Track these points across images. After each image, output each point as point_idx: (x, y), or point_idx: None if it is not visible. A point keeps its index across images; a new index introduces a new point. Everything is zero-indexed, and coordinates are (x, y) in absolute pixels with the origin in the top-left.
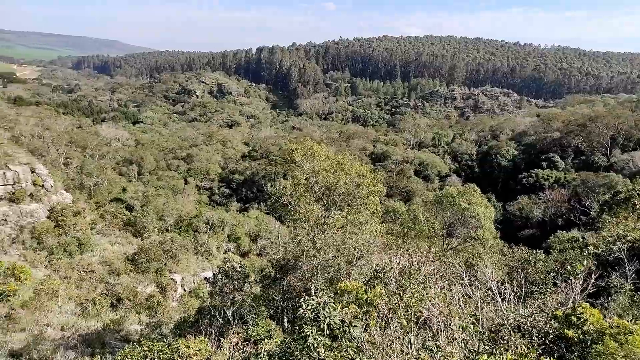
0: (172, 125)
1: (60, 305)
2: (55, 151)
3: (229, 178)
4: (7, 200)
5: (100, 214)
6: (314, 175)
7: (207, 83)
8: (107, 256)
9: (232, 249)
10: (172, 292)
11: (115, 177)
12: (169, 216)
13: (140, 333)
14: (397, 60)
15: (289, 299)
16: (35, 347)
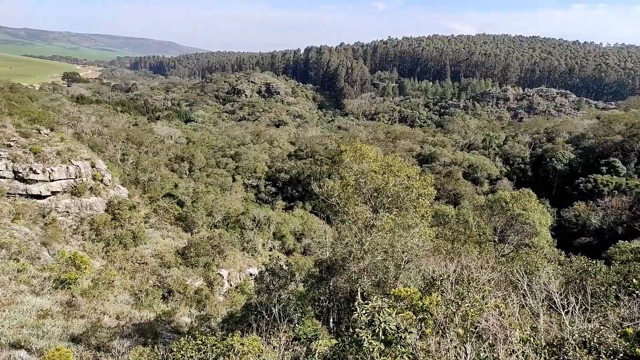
0: (222, 124)
1: (116, 295)
2: (113, 147)
3: (275, 176)
4: (70, 193)
5: (153, 208)
6: (362, 176)
7: (256, 83)
8: (159, 249)
9: (277, 246)
10: (219, 286)
11: (167, 174)
12: (218, 212)
13: (190, 325)
14: (447, 59)
15: (335, 300)
16: (93, 334)
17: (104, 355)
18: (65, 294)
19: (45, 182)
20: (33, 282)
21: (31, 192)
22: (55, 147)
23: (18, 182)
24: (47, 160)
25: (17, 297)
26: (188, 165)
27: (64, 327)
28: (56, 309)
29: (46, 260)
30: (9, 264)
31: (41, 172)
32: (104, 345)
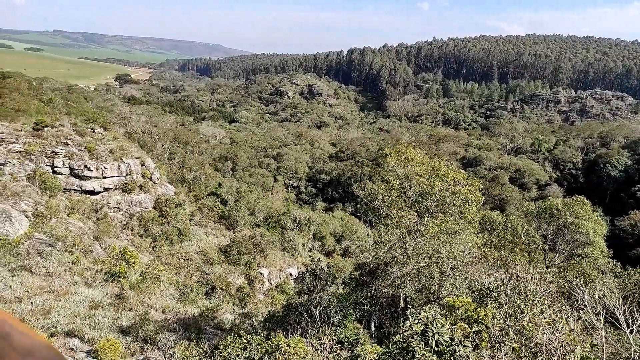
0: (265, 124)
1: (162, 289)
2: (161, 146)
3: (315, 177)
4: (120, 190)
5: (198, 206)
6: (407, 180)
7: (299, 84)
8: (203, 246)
9: (317, 247)
10: (260, 285)
11: (212, 173)
12: (259, 212)
13: (232, 322)
14: (494, 60)
15: (377, 304)
16: (141, 326)
17: (150, 348)
18: (115, 286)
19: (98, 178)
20: (86, 274)
21: (85, 188)
22: (108, 146)
23: (73, 179)
24: (100, 158)
25: (71, 288)
26: (231, 165)
27: (114, 318)
28: (107, 301)
29: (98, 253)
30: (65, 256)
31: (95, 170)
32: (151, 338)
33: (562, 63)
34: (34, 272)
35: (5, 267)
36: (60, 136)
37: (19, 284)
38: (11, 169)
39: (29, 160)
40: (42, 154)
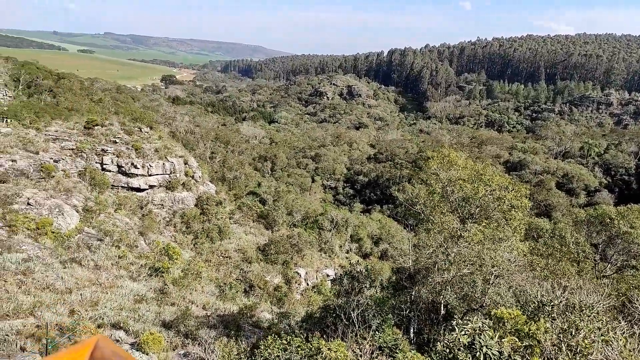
0: (304, 125)
1: (203, 285)
2: (203, 146)
3: (353, 179)
4: (164, 188)
5: (238, 205)
6: (450, 184)
7: (338, 85)
8: (242, 245)
9: (354, 249)
10: (297, 285)
11: (251, 172)
12: (297, 212)
13: (270, 321)
14: (541, 61)
15: (416, 310)
16: (182, 321)
17: (191, 343)
18: (158, 281)
19: (144, 176)
20: (131, 268)
21: (132, 185)
22: (153, 145)
23: (121, 176)
24: (146, 156)
25: (117, 281)
26: (270, 164)
27: (157, 312)
28: (150, 295)
29: (143, 248)
30: (112, 250)
31: (141, 167)
32: (192, 333)
33: (615, 63)
34: (84, 265)
35: (57, 259)
36: (109, 135)
37: (70, 276)
38: (64, 165)
39: (80, 157)
40: (92, 152)
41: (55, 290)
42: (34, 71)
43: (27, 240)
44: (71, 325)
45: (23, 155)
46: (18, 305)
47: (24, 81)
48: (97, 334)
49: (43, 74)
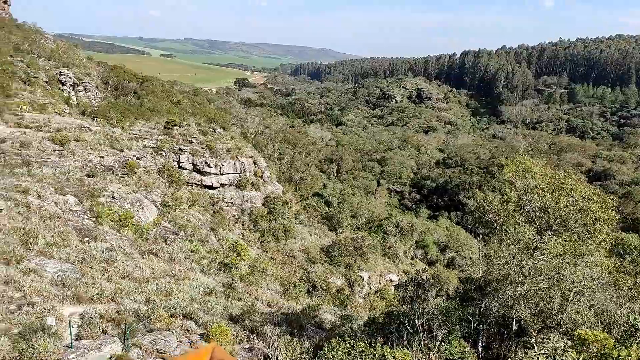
0: (371, 128)
1: (268, 283)
2: (272, 147)
3: (420, 184)
4: (235, 187)
5: (303, 206)
6: (526, 193)
7: (407, 88)
8: (306, 245)
9: (419, 255)
10: (359, 288)
11: (317, 174)
12: (362, 215)
13: (332, 323)
14: (632, 63)
15: (485, 323)
16: (248, 316)
17: (256, 338)
18: (226, 276)
19: (216, 175)
20: (202, 262)
21: (205, 183)
22: (225, 145)
23: (195, 174)
24: (219, 156)
25: (189, 273)
26: (336, 167)
27: (225, 306)
28: (219, 289)
29: (213, 244)
30: (185, 244)
31: (214, 166)
32: (257, 328)
33: None
34: (159, 257)
35: (137, 250)
36: (186, 134)
37: (147, 266)
38: (145, 162)
39: (160, 155)
40: (170, 151)
41: (134, 279)
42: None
43: (111, 231)
44: (147, 312)
45: (110, 152)
46: (101, 291)
47: (113, 83)
48: (212, 342)
49: (129, 77)
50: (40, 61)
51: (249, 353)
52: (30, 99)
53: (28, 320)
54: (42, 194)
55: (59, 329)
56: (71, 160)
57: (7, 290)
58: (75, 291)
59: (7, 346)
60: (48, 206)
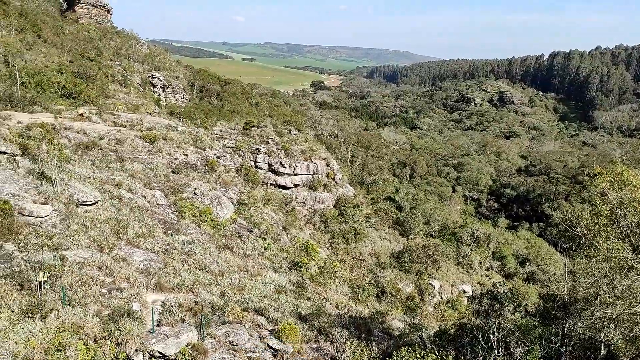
0: (447, 132)
1: (337, 285)
2: (344, 149)
3: (499, 191)
4: (307, 187)
5: (374, 209)
6: (621, 207)
7: (488, 91)
8: (376, 249)
9: (496, 267)
10: (430, 297)
11: (389, 178)
12: (435, 222)
13: (401, 330)
14: None
15: (569, 345)
16: (317, 316)
17: (324, 339)
18: (296, 275)
19: (290, 175)
20: (274, 260)
21: (279, 183)
22: (300, 146)
23: (270, 174)
24: (293, 157)
25: (261, 270)
26: (409, 171)
27: (294, 304)
28: (289, 287)
29: (285, 243)
30: (259, 241)
31: (288, 167)
32: (325, 329)
33: None
34: (234, 252)
35: (214, 245)
36: (263, 135)
37: (223, 261)
38: (224, 161)
39: (238, 155)
40: (248, 151)
41: (211, 272)
42: (206, 77)
43: (192, 225)
44: (222, 305)
45: (193, 150)
46: (181, 281)
47: (198, 86)
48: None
49: (213, 80)
50: (135, 65)
51: (317, 353)
52: (125, 99)
53: (116, 304)
54: (132, 188)
55: (143, 314)
56: (159, 158)
57: (100, 275)
58: (158, 280)
59: (98, 326)
60: (137, 199)
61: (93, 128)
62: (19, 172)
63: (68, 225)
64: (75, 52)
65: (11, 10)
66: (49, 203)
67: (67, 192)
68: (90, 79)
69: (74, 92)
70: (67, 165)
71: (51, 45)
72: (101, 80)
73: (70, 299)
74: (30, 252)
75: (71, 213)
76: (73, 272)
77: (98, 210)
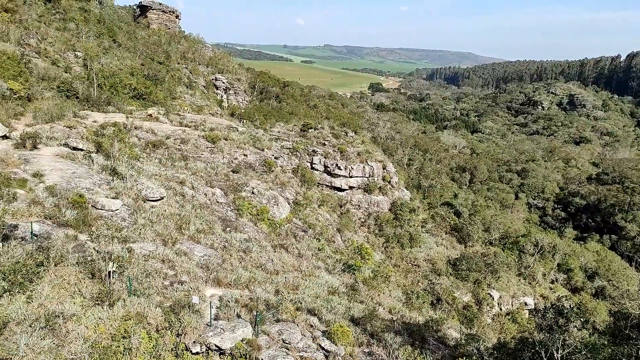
0: (511, 137)
1: (390, 289)
2: (401, 152)
3: (567, 200)
4: (362, 190)
5: (431, 214)
6: None
7: (557, 94)
8: (432, 255)
9: (561, 280)
10: (488, 307)
11: (447, 182)
12: (495, 230)
13: (457, 341)
14: None
15: None
16: (369, 320)
17: (376, 344)
18: (349, 277)
19: (345, 177)
20: (328, 261)
21: (334, 185)
22: (356, 148)
23: (326, 175)
24: (349, 159)
25: (315, 271)
26: (469, 176)
27: (347, 307)
28: (342, 290)
29: (338, 244)
30: (313, 242)
31: (344, 169)
32: (377, 334)
33: None
34: (289, 252)
35: (270, 243)
36: (320, 137)
37: (278, 259)
38: (282, 162)
39: (295, 156)
40: (304, 152)
41: (266, 270)
42: (266, 80)
43: (249, 223)
44: (276, 303)
45: (252, 151)
46: (238, 278)
47: (258, 88)
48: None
49: (272, 82)
50: (200, 67)
51: (369, 357)
52: (190, 101)
53: (177, 297)
54: (195, 186)
55: (201, 307)
56: (220, 157)
57: (163, 268)
58: (216, 275)
59: (160, 317)
60: (199, 197)
61: (160, 128)
62: (94, 168)
63: (136, 220)
64: (146, 55)
65: (91, 18)
66: (119, 198)
67: (135, 187)
68: (159, 81)
69: (144, 94)
70: (136, 162)
71: (125, 50)
72: (169, 82)
73: (135, 289)
74: (102, 243)
75: (139, 208)
76: (139, 264)
77: (163, 206)
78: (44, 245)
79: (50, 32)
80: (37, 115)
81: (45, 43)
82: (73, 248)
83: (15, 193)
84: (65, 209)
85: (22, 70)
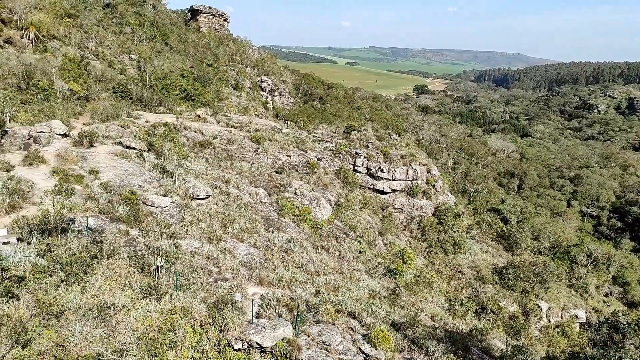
0: (564, 141)
1: (432, 296)
2: (446, 156)
3: (623, 209)
4: (405, 193)
5: (476, 220)
6: None
7: (615, 97)
8: (477, 262)
9: (616, 293)
10: (536, 319)
11: (494, 188)
12: (545, 238)
13: (503, 352)
14: None
15: None
16: (411, 326)
17: (417, 350)
18: (391, 282)
19: (388, 180)
20: (369, 264)
21: (376, 187)
22: (399, 151)
23: (368, 177)
24: (392, 161)
25: (356, 273)
26: (518, 181)
27: (387, 311)
28: (383, 294)
29: (380, 248)
30: (354, 245)
31: (386, 172)
32: (418, 340)
33: None
34: (330, 253)
35: (311, 244)
36: (363, 139)
37: (319, 260)
38: (324, 163)
39: (338, 157)
40: (347, 154)
41: (307, 271)
42: (310, 82)
43: (291, 223)
44: (316, 304)
45: (295, 152)
46: (279, 277)
47: (302, 90)
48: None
49: (317, 84)
50: (247, 70)
51: None
52: (237, 102)
53: (221, 293)
54: (239, 185)
55: (243, 305)
56: (264, 157)
57: (208, 265)
58: (258, 274)
59: (204, 312)
60: (243, 196)
61: (208, 128)
62: (145, 166)
63: (183, 217)
64: (196, 58)
65: (145, 21)
66: (168, 195)
67: (183, 186)
68: (207, 82)
69: (193, 95)
70: (185, 161)
71: (176, 52)
72: (217, 84)
73: (181, 284)
74: (151, 238)
75: (186, 205)
76: (185, 260)
77: (209, 204)
78: (98, 239)
79: (108, 35)
80: (94, 115)
81: (102, 46)
82: (124, 242)
83: (73, 188)
84: (118, 205)
85: (81, 72)
